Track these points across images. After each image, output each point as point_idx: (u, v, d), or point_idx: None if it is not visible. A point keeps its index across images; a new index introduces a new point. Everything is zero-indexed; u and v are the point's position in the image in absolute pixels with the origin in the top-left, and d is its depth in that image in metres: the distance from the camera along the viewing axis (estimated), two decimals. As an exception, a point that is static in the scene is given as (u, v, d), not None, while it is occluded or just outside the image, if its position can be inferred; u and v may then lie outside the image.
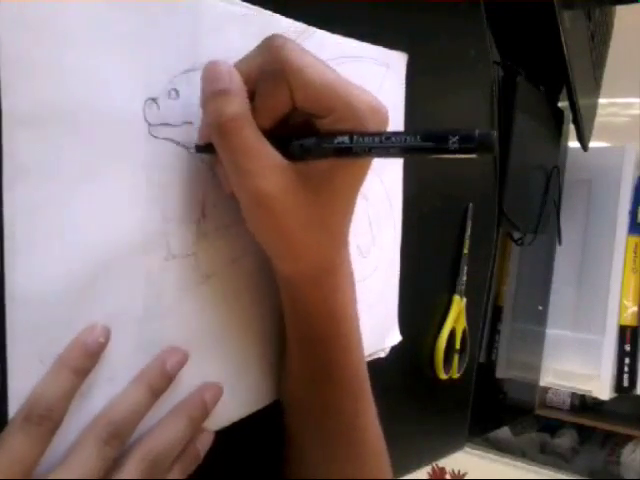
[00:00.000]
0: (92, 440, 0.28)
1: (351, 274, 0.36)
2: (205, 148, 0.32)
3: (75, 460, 0.27)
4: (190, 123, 0.32)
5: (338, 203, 0.32)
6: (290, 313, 0.36)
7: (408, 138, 0.27)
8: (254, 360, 0.39)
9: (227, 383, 0.36)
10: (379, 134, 0.28)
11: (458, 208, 0.64)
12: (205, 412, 0.33)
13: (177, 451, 0.31)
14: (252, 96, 0.30)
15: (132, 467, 0.29)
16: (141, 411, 0.30)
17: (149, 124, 0.30)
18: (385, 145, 0.27)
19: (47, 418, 0.26)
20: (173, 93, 0.31)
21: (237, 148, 0.29)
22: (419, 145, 0.26)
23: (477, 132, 0.25)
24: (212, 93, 0.29)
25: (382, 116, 0.30)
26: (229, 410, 0.37)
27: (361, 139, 0.28)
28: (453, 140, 0.25)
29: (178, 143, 0.32)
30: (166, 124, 0.31)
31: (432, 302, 0.62)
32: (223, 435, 0.36)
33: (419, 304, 0.58)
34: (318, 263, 0.33)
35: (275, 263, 0.34)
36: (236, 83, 0.29)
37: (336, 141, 0.28)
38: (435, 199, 0.58)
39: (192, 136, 0.32)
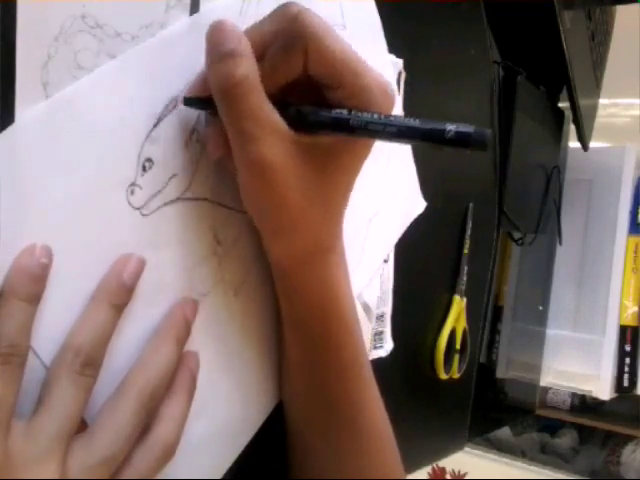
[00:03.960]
0: (65, 374, 0.26)
1: (344, 253, 0.36)
2: (195, 102, 0.31)
3: (54, 398, 0.26)
4: (176, 175, 0.31)
5: (338, 180, 0.32)
6: (284, 298, 0.36)
7: (407, 120, 0.27)
8: (261, 365, 0.39)
9: (239, 394, 0.37)
10: (378, 113, 0.28)
11: (458, 208, 0.64)
12: (188, 330, 0.32)
13: (170, 376, 0.30)
14: (259, 62, 0.29)
15: (130, 404, 0.28)
16: (107, 331, 0.28)
17: (138, 209, 0.30)
18: (382, 122, 0.27)
19: (13, 355, 0.25)
20: (147, 164, 0.30)
21: (243, 112, 0.28)
22: (417, 126, 0.27)
23: (474, 127, 0.26)
24: (219, 55, 0.28)
25: (390, 100, 0.30)
26: (243, 425, 0.38)
27: (359, 113, 0.28)
28: (450, 128, 0.26)
29: (172, 201, 0.31)
30: (153, 196, 0.30)
31: (432, 302, 0.62)
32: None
33: (419, 304, 0.58)
34: (314, 241, 0.32)
35: (269, 242, 0.33)
36: (244, 45, 0.28)
37: (334, 112, 0.28)
38: (435, 199, 0.58)
39: (182, 185, 0.32)
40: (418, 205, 0.52)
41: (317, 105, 0.29)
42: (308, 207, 0.31)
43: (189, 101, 0.31)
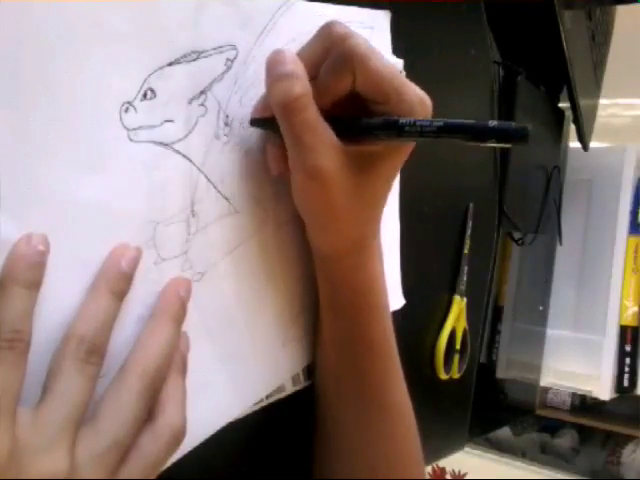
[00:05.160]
0: (71, 362, 0.26)
1: (380, 249, 0.39)
2: (261, 122, 0.35)
3: (60, 387, 0.26)
4: (171, 121, 0.31)
5: (380, 184, 0.36)
6: (323, 282, 0.39)
7: (451, 120, 0.30)
8: (262, 347, 0.39)
9: (228, 377, 0.36)
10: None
11: (458, 208, 0.64)
12: (184, 309, 0.32)
13: (171, 357, 0.30)
14: (310, 80, 0.32)
15: (133, 387, 0.28)
16: (110, 319, 0.28)
17: (127, 129, 0.29)
18: (429, 120, 0.30)
19: (16, 340, 0.25)
20: (149, 93, 0.30)
21: (301, 125, 0.32)
22: (461, 123, 0.29)
23: (514, 123, 0.28)
24: (278, 75, 0.32)
25: (428, 107, 0.34)
26: (226, 407, 0.37)
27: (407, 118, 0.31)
28: (493, 123, 0.28)
29: (160, 144, 0.31)
30: (145, 126, 0.30)
31: (432, 302, 0.62)
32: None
33: (419, 304, 0.58)
34: (355, 237, 0.37)
35: (315, 235, 0.37)
36: (300, 67, 0.32)
37: (385, 117, 0.32)
38: (435, 199, 0.58)
39: (174, 134, 0.32)
40: (396, 301, 0.51)
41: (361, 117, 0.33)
42: (353, 208, 0.35)
43: (255, 122, 0.35)
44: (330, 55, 0.33)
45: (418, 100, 0.33)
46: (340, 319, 0.40)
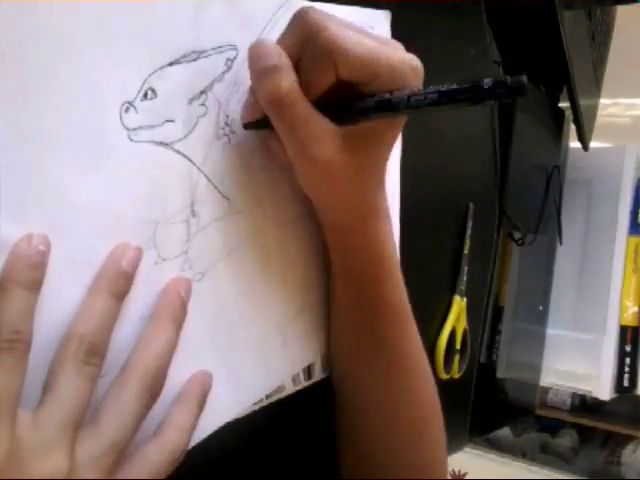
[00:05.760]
0: (70, 363, 0.26)
1: (388, 213, 0.39)
2: (254, 125, 0.34)
3: (60, 388, 0.26)
4: (171, 121, 0.31)
5: (378, 157, 0.36)
6: (334, 251, 0.40)
7: (445, 85, 0.29)
8: (262, 346, 0.39)
9: (228, 377, 0.36)
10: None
11: (458, 208, 0.64)
12: (184, 309, 0.32)
13: (171, 357, 0.30)
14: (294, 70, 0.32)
15: (133, 388, 0.28)
16: (110, 319, 0.28)
17: (127, 129, 0.29)
18: (422, 92, 0.29)
19: (16, 341, 0.25)
20: (150, 93, 0.30)
21: (293, 119, 0.31)
22: (454, 89, 0.28)
23: (509, 77, 0.27)
24: (264, 70, 0.31)
25: (419, 72, 0.33)
26: (225, 406, 0.37)
27: (399, 92, 0.30)
28: (487, 80, 0.27)
29: (160, 143, 0.31)
30: (146, 126, 0.30)
31: (432, 302, 0.62)
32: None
33: (419, 304, 0.58)
34: (363, 208, 0.37)
35: (325, 215, 0.38)
36: (284, 58, 0.31)
37: (377, 97, 0.31)
38: (435, 199, 0.58)
39: (175, 134, 0.32)
40: None
41: (351, 99, 0.32)
42: (355, 186, 0.35)
43: (248, 126, 0.34)
44: (308, 49, 0.31)
45: (408, 69, 0.32)
46: (355, 286, 0.40)
